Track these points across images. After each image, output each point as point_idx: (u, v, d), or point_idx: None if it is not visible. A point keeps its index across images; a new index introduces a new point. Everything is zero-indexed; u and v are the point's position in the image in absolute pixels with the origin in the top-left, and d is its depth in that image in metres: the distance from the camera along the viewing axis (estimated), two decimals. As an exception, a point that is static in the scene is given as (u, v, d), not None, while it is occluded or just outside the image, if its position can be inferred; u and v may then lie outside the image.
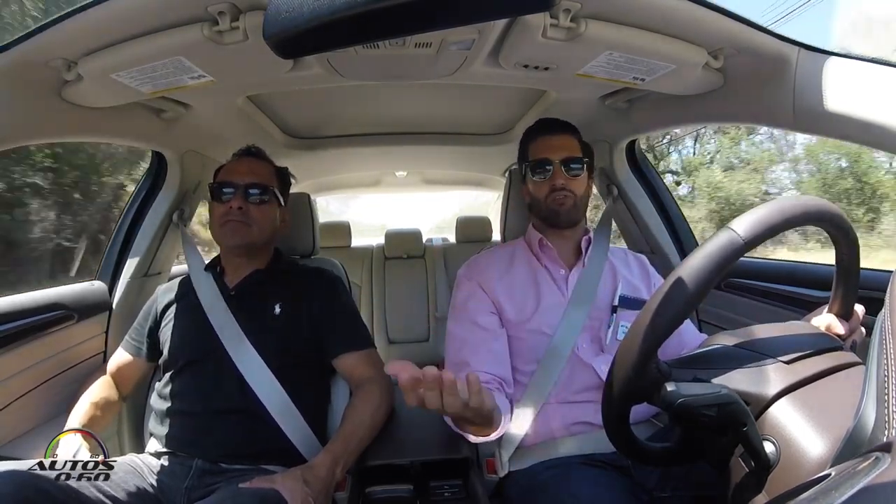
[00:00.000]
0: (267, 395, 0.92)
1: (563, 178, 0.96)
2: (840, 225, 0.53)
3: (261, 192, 1.01)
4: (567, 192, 0.96)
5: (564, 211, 0.97)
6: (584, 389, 0.90)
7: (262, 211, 1.01)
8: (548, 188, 0.97)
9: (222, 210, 0.99)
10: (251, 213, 0.99)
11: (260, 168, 1.05)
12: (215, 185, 1.02)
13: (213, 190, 1.02)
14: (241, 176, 1.01)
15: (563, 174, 0.96)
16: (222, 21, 0.66)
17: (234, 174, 1.01)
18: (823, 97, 0.69)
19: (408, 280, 2.34)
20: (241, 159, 1.06)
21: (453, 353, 0.95)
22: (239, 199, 0.98)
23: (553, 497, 0.78)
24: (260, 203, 1.01)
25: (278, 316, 1.00)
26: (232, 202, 0.98)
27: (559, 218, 0.98)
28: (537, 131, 1.02)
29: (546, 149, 0.98)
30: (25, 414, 1.01)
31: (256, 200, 1.00)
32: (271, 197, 1.03)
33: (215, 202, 1.01)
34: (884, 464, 0.26)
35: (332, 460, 0.84)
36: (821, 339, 0.56)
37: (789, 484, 0.41)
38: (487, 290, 0.97)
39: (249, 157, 1.07)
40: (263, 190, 1.02)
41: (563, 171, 0.96)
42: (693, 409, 0.47)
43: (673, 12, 0.69)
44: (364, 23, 0.35)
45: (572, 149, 0.98)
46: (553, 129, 1.00)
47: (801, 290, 0.99)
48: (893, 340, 0.33)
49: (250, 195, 1.00)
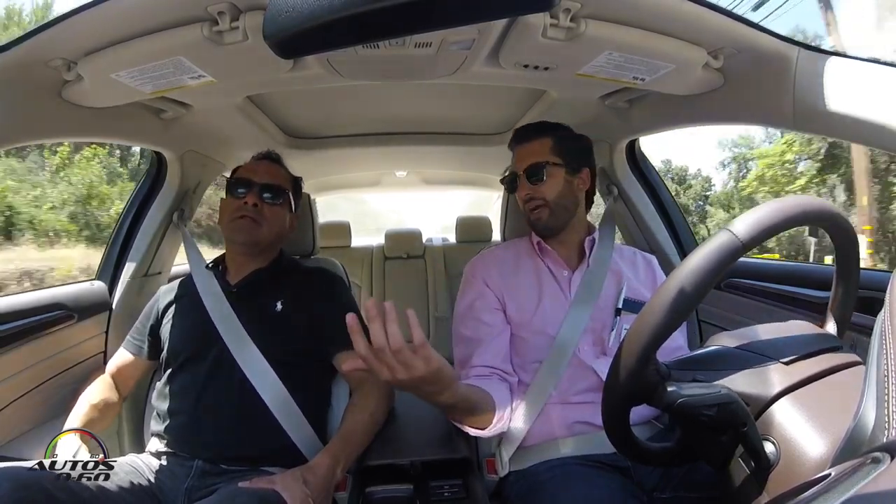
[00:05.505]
0: (268, 393, 0.92)
1: (527, 188, 0.95)
2: (839, 225, 0.53)
3: (275, 194, 1.04)
4: (537, 201, 0.95)
5: (541, 222, 0.96)
6: (584, 390, 0.90)
7: (274, 212, 1.04)
8: (522, 200, 0.98)
9: (236, 205, 1.01)
10: (264, 211, 1.02)
11: (277, 172, 1.09)
12: (233, 180, 1.05)
13: (229, 185, 1.05)
14: (259, 176, 1.04)
15: (527, 184, 0.95)
16: (222, 21, 0.66)
17: (252, 173, 1.04)
18: (823, 97, 0.69)
19: (408, 280, 2.34)
20: (261, 161, 1.10)
21: (459, 353, 0.96)
22: (254, 196, 1.01)
23: (553, 497, 0.78)
24: (273, 204, 1.04)
25: (279, 314, 1.00)
26: (247, 198, 1.00)
27: (538, 229, 0.98)
28: (510, 144, 1.01)
29: (515, 161, 0.99)
30: (25, 414, 1.01)
31: (270, 201, 1.03)
32: (285, 200, 1.07)
33: (230, 197, 1.04)
34: (884, 464, 0.26)
35: (331, 460, 0.84)
36: (821, 340, 0.56)
37: (789, 484, 0.41)
38: (493, 287, 0.97)
39: (269, 161, 1.11)
40: (278, 192, 1.05)
41: (527, 181, 0.95)
42: (693, 409, 0.47)
43: (673, 12, 0.69)
44: (364, 23, 0.35)
45: (537, 154, 0.95)
46: (521, 139, 0.99)
47: (801, 290, 0.99)
48: (893, 340, 0.33)
49: (265, 195, 1.02)
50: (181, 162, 1.26)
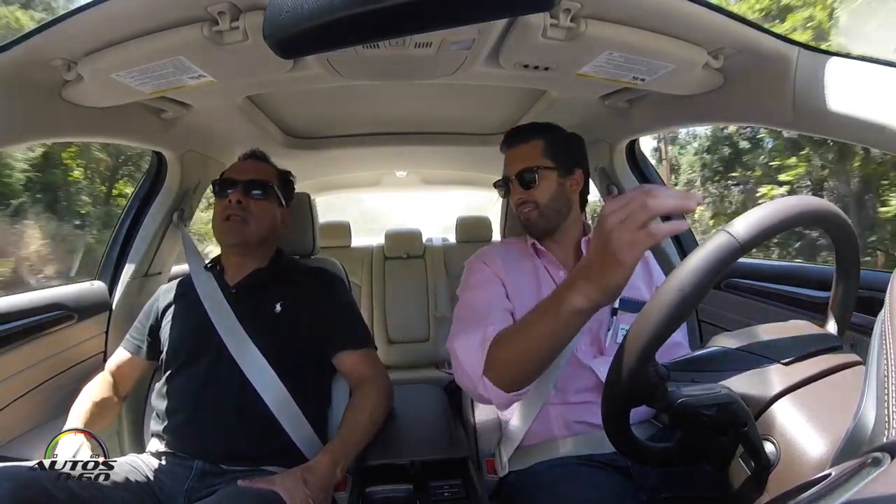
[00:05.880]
0: (268, 393, 0.92)
1: (519, 192, 0.95)
2: (839, 225, 0.53)
3: (260, 188, 1.04)
4: (529, 204, 0.95)
5: (532, 224, 0.96)
6: (583, 390, 0.90)
7: (260, 207, 1.03)
8: (515, 203, 0.98)
9: (223, 205, 1.02)
10: (250, 207, 1.02)
11: (261, 168, 1.09)
12: (218, 182, 1.05)
13: (215, 187, 1.05)
14: (242, 173, 1.05)
15: (519, 189, 0.95)
16: (222, 21, 0.66)
17: (236, 172, 1.06)
18: (823, 97, 0.69)
19: (408, 280, 2.34)
20: (245, 161, 1.11)
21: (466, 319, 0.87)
22: (239, 193, 1.01)
23: (552, 497, 0.78)
24: (259, 199, 1.03)
25: (279, 314, 1.00)
26: (231, 196, 1.01)
27: (531, 231, 0.98)
28: (502, 147, 1.01)
29: (506, 165, 0.99)
30: (25, 414, 1.01)
31: (256, 197, 1.03)
32: (271, 194, 1.06)
33: (218, 199, 1.05)
34: (884, 464, 0.26)
35: (331, 461, 0.85)
36: (820, 339, 0.56)
37: (789, 484, 0.41)
38: (499, 275, 0.96)
39: (253, 159, 1.12)
40: (263, 186, 1.05)
41: (519, 185, 0.95)
42: (693, 409, 0.47)
43: (673, 12, 0.69)
44: (364, 23, 0.35)
45: (528, 158, 0.95)
46: (511, 143, 0.99)
47: (801, 291, 0.99)
48: (893, 340, 0.33)
49: (250, 191, 1.03)
50: (181, 162, 1.26)
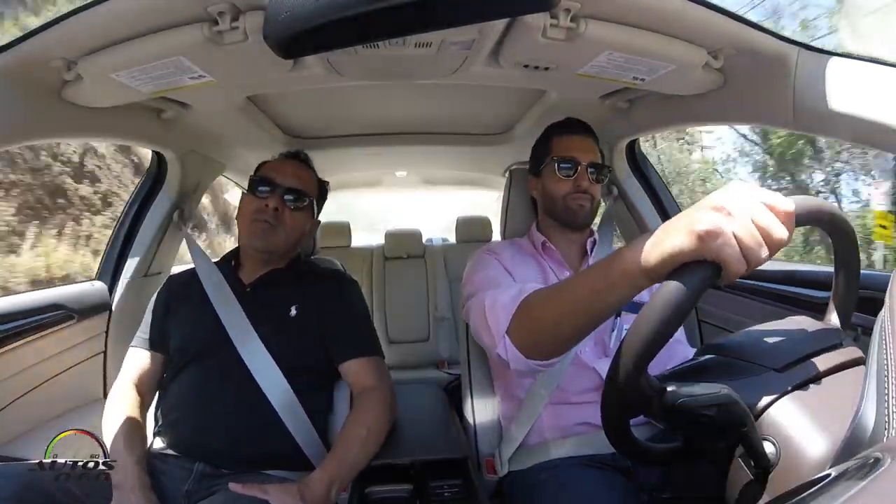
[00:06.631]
0: (275, 395, 0.90)
1: (587, 181, 0.96)
2: (839, 225, 0.53)
3: (299, 198, 0.99)
4: (587, 196, 0.96)
5: (583, 213, 0.97)
6: (585, 391, 0.89)
7: (295, 218, 0.99)
8: (570, 188, 0.96)
9: (256, 206, 0.96)
10: (284, 216, 0.97)
11: (304, 174, 1.03)
12: (256, 178, 1.00)
13: (252, 182, 0.99)
14: (284, 177, 0.99)
15: (588, 177, 0.96)
16: (222, 21, 0.66)
17: (277, 173, 0.99)
18: (823, 97, 0.68)
19: (408, 280, 2.33)
20: (288, 161, 1.04)
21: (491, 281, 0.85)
22: (276, 198, 0.96)
23: (553, 497, 0.78)
24: (295, 209, 0.99)
25: (294, 318, 0.97)
26: (268, 200, 0.96)
27: (576, 219, 0.98)
28: (566, 128, 1.01)
29: (574, 148, 0.98)
30: (25, 414, 1.01)
31: (293, 206, 0.98)
32: (308, 206, 1.02)
33: (251, 195, 0.98)
34: (884, 464, 0.26)
35: (328, 479, 0.81)
36: (819, 339, 0.55)
37: (789, 484, 0.41)
38: (507, 268, 0.95)
39: (297, 161, 1.05)
40: (302, 196, 1.00)
41: (589, 174, 0.96)
42: (693, 410, 0.47)
43: (673, 12, 0.69)
44: (364, 23, 0.35)
45: (597, 154, 0.99)
46: (581, 131, 1.01)
47: (802, 291, 0.99)
48: (893, 340, 0.33)
49: (287, 198, 0.98)
50: (181, 162, 1.26)
